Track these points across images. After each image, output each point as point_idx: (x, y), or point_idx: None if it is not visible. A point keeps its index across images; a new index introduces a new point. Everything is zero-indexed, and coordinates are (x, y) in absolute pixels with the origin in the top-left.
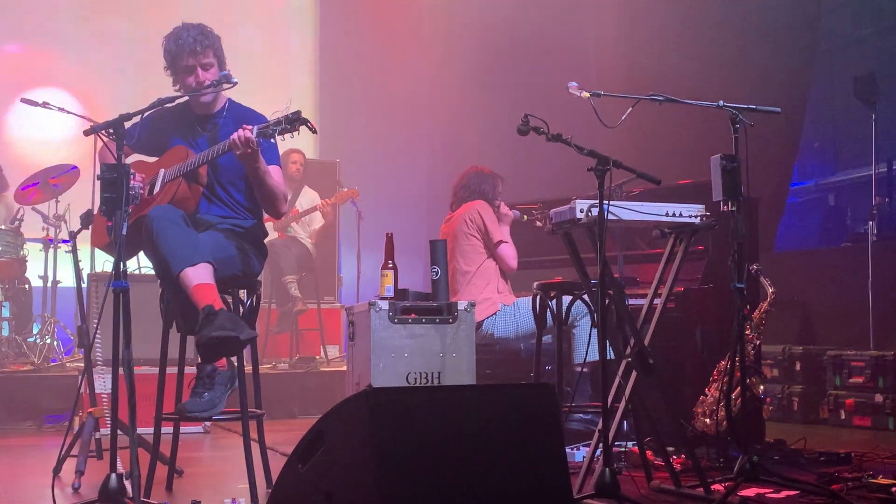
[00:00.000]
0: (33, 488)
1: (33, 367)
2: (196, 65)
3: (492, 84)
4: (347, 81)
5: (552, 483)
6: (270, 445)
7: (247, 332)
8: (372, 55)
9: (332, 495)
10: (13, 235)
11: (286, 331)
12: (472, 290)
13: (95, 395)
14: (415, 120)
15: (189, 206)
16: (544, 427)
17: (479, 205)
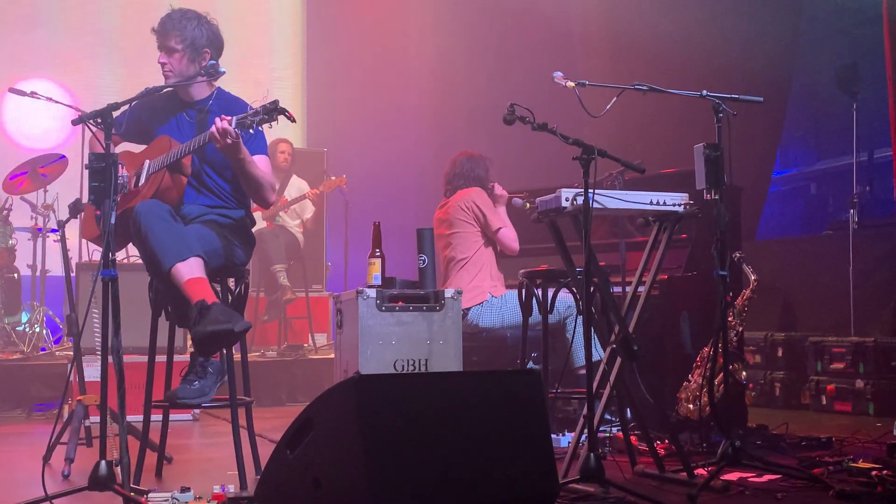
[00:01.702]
0: (23, 476)
1: (22, 355)
2: (161, 47)
3: (479, 73)
4: (334, 71)
5: (538, 468)
6: (259, 432)
7: (241, 323)
8: (359, 44)
9: (320, 481)
10: (1, 225)
11: (275, 319)
12: (463, 277)
13: (85, 383)
14: (402, 108)
15: (173, 197)
16: (530, 413)
17: (474, 193)
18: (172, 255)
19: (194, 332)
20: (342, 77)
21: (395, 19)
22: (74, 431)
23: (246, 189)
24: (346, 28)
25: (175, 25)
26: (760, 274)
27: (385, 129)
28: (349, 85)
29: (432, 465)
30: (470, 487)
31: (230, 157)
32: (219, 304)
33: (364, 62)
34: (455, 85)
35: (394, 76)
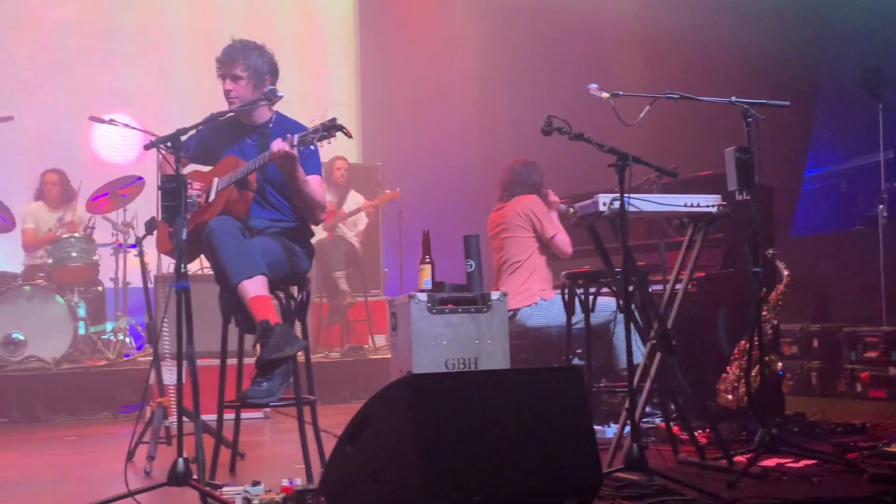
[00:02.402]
0: (109, 473)
1: (108, 362)
2: (225, 75)
3: (519, 86)
4: (386, 90)
5: (582, 458)
6: (324, 429)
7: (297, 345)
8: (408, 65)
9: (378, 474)
10: (86, 242)
11: (337, 322)
12: (515, 280)
13: (163, 387)
14: (449, 123)
15: (240, 211)
16: (574, 406)
17: (532, 200)
18: (240, 271)
19: (258, 358)
20: (394, 96)
21: (441, 39)
22: (155, 431)
23: (298, 206)
24: (397, 50)
25: (239, 54)
26: (795, 269)
27: (434, 143)
28: (400, 103)
29: (481, 457)
30: (517, 478)
31: (287, 175)
32: (280, 327)
33: (413, 81)
34: (497, 99)
35: (441, 93)
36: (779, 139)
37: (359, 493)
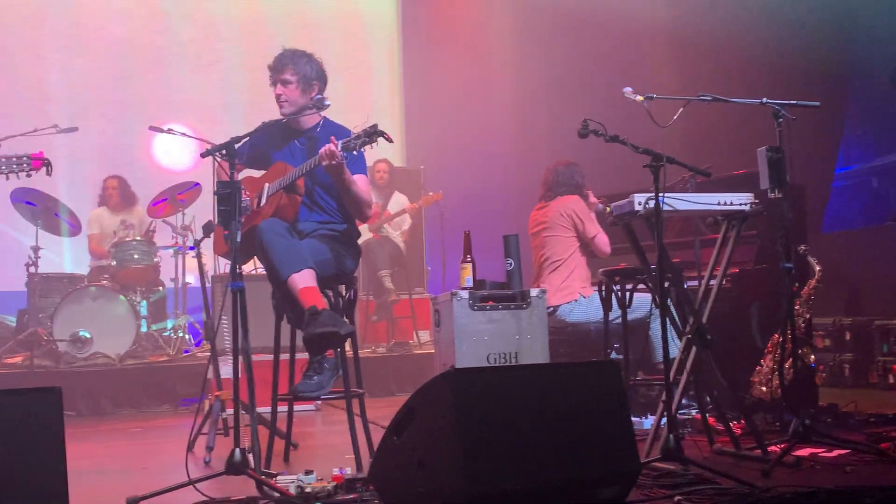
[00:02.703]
0: (171, 462)
1: (168, 357)
2: (276, 80)
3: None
4: (428, 97)
5: (620, 448)
6: (372, 420)
7: (346, 327)
8: (450, 72)
9: (423, 463)
10: (147, 245)
11: (383, 319)
12: (556, 277)
13: (221, 381)
14: (490, 128)
15: (290, 214)
16: (611, 399)
17: (574, 201)
18: (288, 266)
19: (304, 334)
20: (436, 102)
21: (480, 46)
22: (213, 423)
23: (347, 205)
24: (438, 58)
25: (289, 61)
26: (827, 264)
27: (475, 146)
28: (442, 109)
29: (522, 447)
30: (557, 467)
31: (335, 177)
32: (327, 310)
33: (454, 87)
34: (535, 103)
35: (481, 98)
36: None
37: (405, 482)
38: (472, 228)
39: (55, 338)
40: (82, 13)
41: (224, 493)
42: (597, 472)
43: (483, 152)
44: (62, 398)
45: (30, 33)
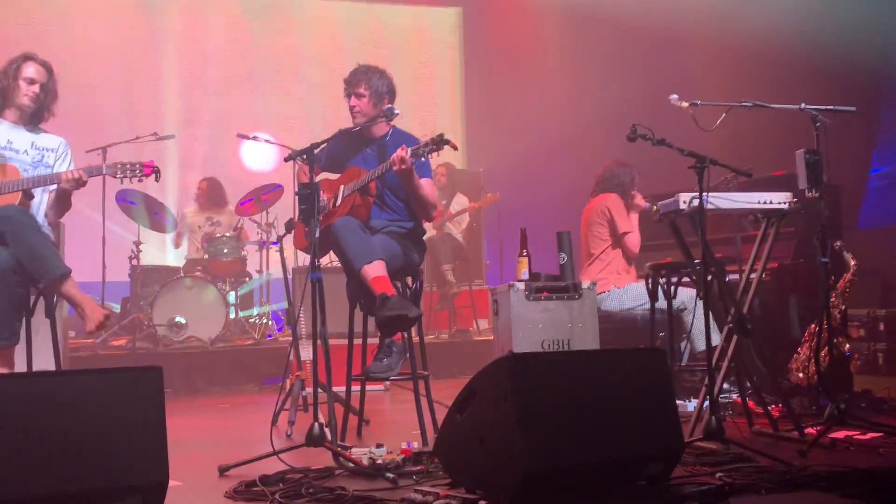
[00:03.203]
0: (257, 435)
1: (254, 341)
2: (351, 93)
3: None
4: (487, 104)
5: (665, 429)
6: (436, 400)
7: (414, 311)
8: (507, 81)
9: (483, 438)
10: (236, 240)
11: (445, 308)
12: (593, 269)
13: (301, 362)
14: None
15: (362, 214)
16: (657, 383)
17: (610, 198)
18: (361, 258)
19: (377, 317)
20: (493, 109)
21: (535, 56)
22: (294, 400)
23: (414, 206)
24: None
25: (363, 76)
26: (862, 259)
27: (529, 149)
28: (499, 115)
29: (574, 426)
30: (607, 444)
31: (404, 181)
32: (396, 296)
33: (511, 94)
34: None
35: (535, 105)
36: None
37: (467, 455)
38: (527, 225)
39: (154, 323)
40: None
41: (304, 463)
42: (644, 450)
43: (537, 155)
44: (163, 376)
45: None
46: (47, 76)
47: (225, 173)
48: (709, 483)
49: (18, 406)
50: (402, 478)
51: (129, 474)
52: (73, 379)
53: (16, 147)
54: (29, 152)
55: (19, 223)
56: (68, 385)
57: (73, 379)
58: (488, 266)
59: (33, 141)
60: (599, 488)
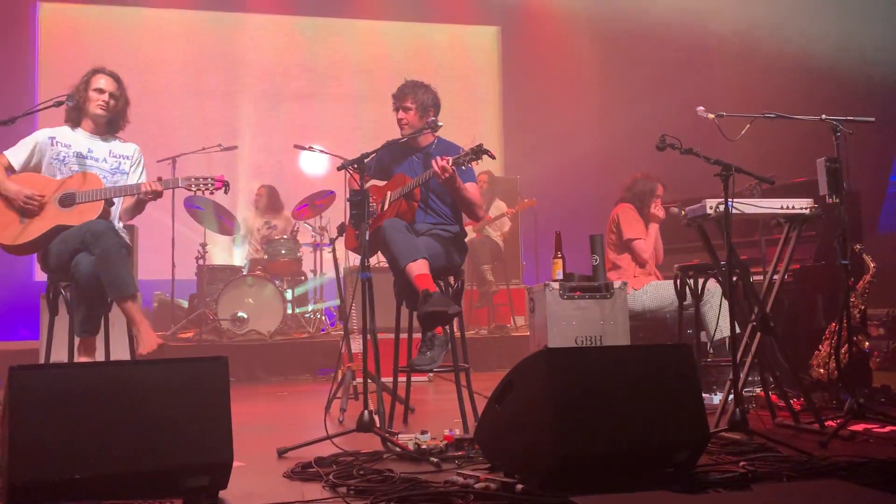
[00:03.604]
0: (311, 420)
1: (308, 335)
2: (399, 107)
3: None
4: (524, 116)
5: (692, 419)
6: (476, 391)
7: (453, 307)
8: (543, 94)
9: (520, 427)
10: (292, 242)
11: (484, 305)
12: (613, 274)
13: (352, 354)
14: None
15: (408, 217)
16: (684, 377)
17: (622, 208)
18: (406, 256)
19: (419, 312)
20: (530, 120)
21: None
22: (345, 389)
23: (461, 208)
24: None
25: (410, 91)
26: (881, 261)
27: (563, 157)
28: (536, 125)
29: (606, 416)
30: (637, 433)
31: (448, 187)
32: (438, 293)
33: (546, 107)
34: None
35: (571, 115)
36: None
37: (505, 442)
38: (561, 229)
39: (219, 317)
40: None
41: (354, 447)
42: (671, 439)
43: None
44: (228, 366)
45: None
46: (116, 86)
47: (282, 181)
48: (733, 471)
49: (101, 392)
50: (445, 462)
51: (199, 455)
52: (148, 368)
53: (95, 156)
54: (107, 160)
55: (105, 241)
56: (145, 373)
57: (149, 368)
58: (525, 267)
59: (110, 149)
60: (630, 473)
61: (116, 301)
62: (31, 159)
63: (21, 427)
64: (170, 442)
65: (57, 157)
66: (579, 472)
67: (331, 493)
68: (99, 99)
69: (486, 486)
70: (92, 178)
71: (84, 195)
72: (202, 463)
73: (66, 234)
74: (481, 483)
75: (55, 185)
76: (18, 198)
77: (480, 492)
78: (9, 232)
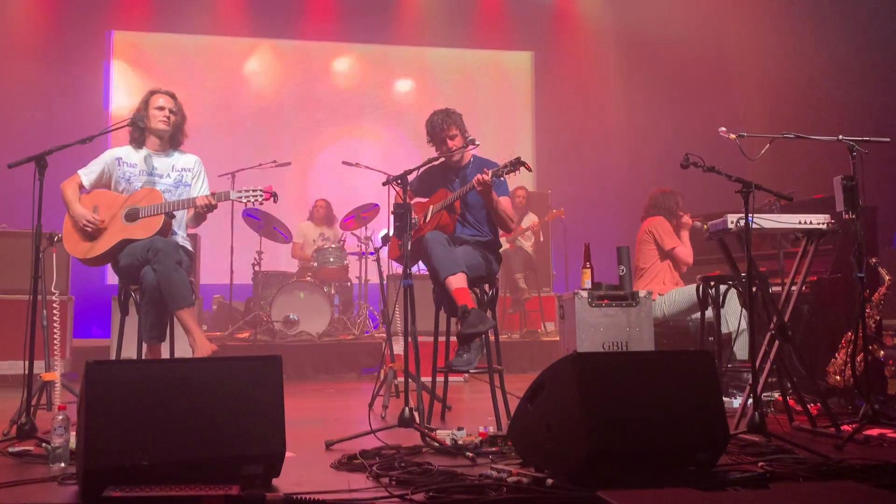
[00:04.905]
0: (356, 416)
1: (354, 336)
2: (445, 137)
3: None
4: (556, 134)
5: (713, 422)
6: (509, 391)
7: (488, 323)
8: (573, 114)
9: (551, 425)
10: (340, 251)
11: (517, 312)
12: (642, 281)
13: (394, 355)
14: (605, 157)
15: (448, 228)
16: (706, 381)
17: (656, 221)
18: (446, 269)
19: (458, 333)
20: (561, 137)
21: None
22: (388, 387)
23: (494, 220)
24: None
25: (451, 121)
26: None
27: (594, 173)
28: (567, 143)
29: (631, 416)
30: (661, 433)
31: (485, 199)
32: (475, 310)
33: (576, 124)
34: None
35: (597, 132)
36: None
37: (536, 439)
38: (590, 241)
39: (272, 319)
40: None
41: (396, 441)
42: (692, 440)
43: (600, 179)
44: (282, 364)
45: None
46: (173, 102)
47: (333, 194)
48: (751, 471)
49: (168, 386)
50: (480, 457)
51: (254, 445)
52: (210, 365)
53: (159, 172)
54: (171, 174)
55: (164, 258)
56: (205, 370)
57: (211, 365)
58: (555, 276)
59: (173, 164)
60: (653, 471)
61: (173, 312)
62: (101, 178)
63: (96, 417)
64: (228, 433)
65: (123, 177)
66: (605, 468)
67: (374, 483)
68: (160, 115)
69: (518, 480)
70: (155, 193)
71: (147, 210)
72: (257, 453)
73: (132, 247)
74: (513, 477)
75: (121, 200)
76: (80, 222)
77: (513, 485)
78: (81, 247)
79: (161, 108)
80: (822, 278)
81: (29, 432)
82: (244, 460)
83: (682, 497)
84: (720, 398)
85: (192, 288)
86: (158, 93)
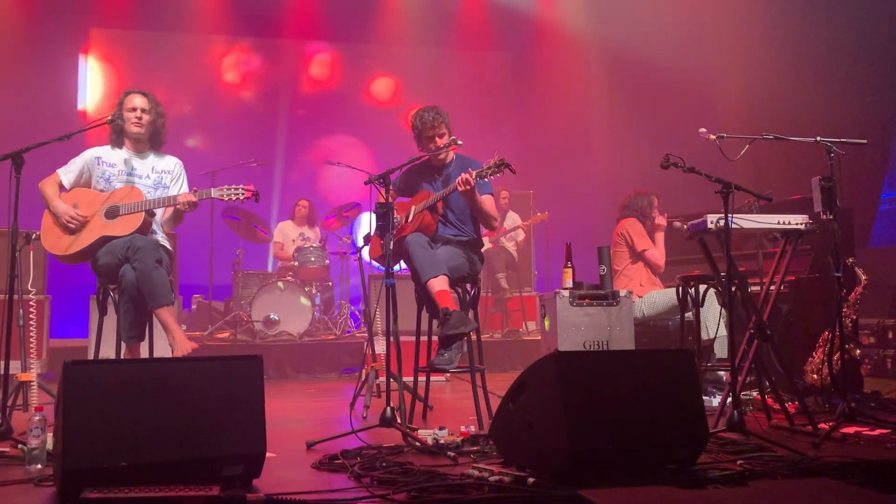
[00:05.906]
0: (337, 416)
1: (335, 336)
2: (434, 135)
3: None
4: (536, 133)
5: (692, 420)
6: (491, 390)
7: (470, 325)
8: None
9: (532, 424)
10: (321, 250)
11: (499, 311)
12: (619, 283)
13: (375, 355)
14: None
15: (430, 228)
16: (685, 380)
17: (629, 222)
18: (428, 272)
19: (440, 334)
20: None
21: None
22: (369, 387)
23: (478, 218)
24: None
25: (439, 118)
26: (872, 275)
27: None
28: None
29: (612, 415)
30: (641, 431)
31: (468, 199)
32: (457, 312)
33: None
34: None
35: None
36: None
37: (518, 438)
38: (571, 241)
39: (252, 319)
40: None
41: (377, 441)
42: (673, 438)
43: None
44: (263, 364)
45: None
46: (147, 101)
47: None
48: (731, 468)
49: (146, 386)
50: (462, 456)
51: (234, 445)
52: (190, 365)
53: (138, 173)
54: (150, 176)
55: (144, 256)
56: (186, 370)
57: (191, 365)
58: (537, 275)
59: (153, 165)
60: (634, 469)
61: (153, 310)
62: (80, 177)
63: (74, 418)
64: (208, 433)
65: (102, 176)
66: (587, 466)
67: (356, 483)
68: (132, 117)
69: (500, 479)
70: (135, 191)
71: (126, 207)
72: (237, 453)
73: (111, 244)
74: (495, 476)
75: (102, 198)
76: (63, 217)
77: (494, 484)
78: (60, 244)
79: (133, 108)
80: (800, 278)
81: (4, 433)
82: (225, 461)
83: (663, 495)
84: (700, 397)
85: (172, 287)
86: (132, 93)
